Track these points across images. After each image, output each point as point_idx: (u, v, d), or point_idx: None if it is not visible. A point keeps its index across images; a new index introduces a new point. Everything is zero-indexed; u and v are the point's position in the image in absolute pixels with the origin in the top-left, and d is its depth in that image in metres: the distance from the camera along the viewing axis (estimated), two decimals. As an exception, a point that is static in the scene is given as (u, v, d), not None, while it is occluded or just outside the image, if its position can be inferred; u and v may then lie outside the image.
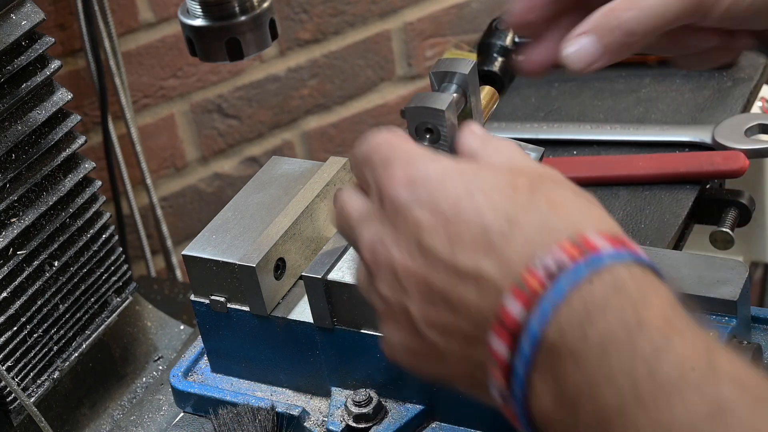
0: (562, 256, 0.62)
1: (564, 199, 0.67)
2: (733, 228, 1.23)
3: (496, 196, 0.66)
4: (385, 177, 0.70)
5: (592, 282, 0.62)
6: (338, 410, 0.98)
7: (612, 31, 0.82)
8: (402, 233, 0.68)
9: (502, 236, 0.64)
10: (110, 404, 1.18)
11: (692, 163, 1.25)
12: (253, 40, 0.83)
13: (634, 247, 0.65)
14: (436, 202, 0.67)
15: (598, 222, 0.66)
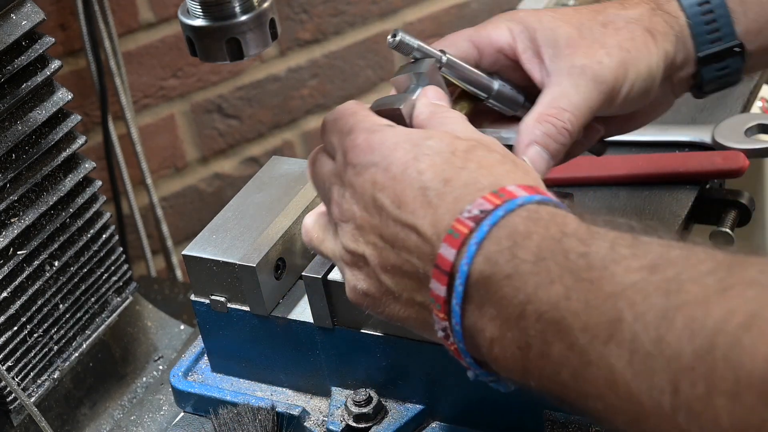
0: (484, 204, 0.73)
1: (492, 161, 0.78)
2: (733, 228, 1.23)
3: (437, 159, 0.78)
4: (347, 141, 0.82)
5: (510, 218, 0.72)
6: (338, 410, 0.98)
7: (554, 137, 0.92)
8: (360, 192, 0.80)
9: (437, 194, 0.76)
10: (110, 404, 1.18)
11: (692, 163, 1.25)
12: (254, 40, 0.83)
13: (545, 192, 0.76)
14: (388, 165, 0.79)
15: (519, 178, 0.77)
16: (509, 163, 0.79)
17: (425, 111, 0.86)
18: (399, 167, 0.78)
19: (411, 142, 0.79)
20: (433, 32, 2.13)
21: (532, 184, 0.77)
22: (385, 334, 0.95)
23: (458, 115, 0.86)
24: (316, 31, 2.06)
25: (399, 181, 0.78)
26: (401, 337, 0.95)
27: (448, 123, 0.84)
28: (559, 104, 0.92)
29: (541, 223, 0.72)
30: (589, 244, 0.69)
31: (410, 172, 0.77)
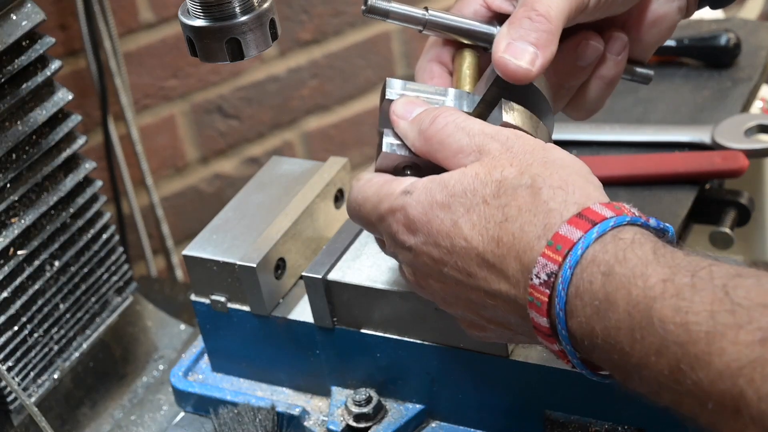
0: (548, 266, 0.73)
1: (526, 196, 0.76)
2: (732, 228, 1.23)
3: (474, 217, 0.77)
4: (386, 229, 0.83)
5: (582, 275, 0.72)
6: (338, 410, 0.98)
7: (531, 27, 0.84)
8: (428, 269, 0.81)
9: (495, 257, 0.76)
10: (111, 404, 1.18)
11: (692, 164, 1.25)
12: (254, 40, 0.83)
13: (595, 204, 0.74)
14: (435, 241, 0.79)
15: (560, 202, 0.75)
16: (543, 185, 0.76)
17: (417, 139, 0.83)
18: (445, 240, 0.78)
19: (438, 205, 0.79)
20: (433, 32, 2.13)
21: (577, 199, 0.75)
22: (385, 334, 0.95)
23: (450, 118, 0.82)
24: (316, 32, 2.06)
25: (453, 253, 0.78)
26: (401, 337, 0.95)
27: (448, 138, 0.81)
28: (531, 5, 0.85)
29: (619, 284, 0.70)
30: (684, 311, 0.67)
31: (458, 242, 0.77)
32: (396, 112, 0.86)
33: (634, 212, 0.75)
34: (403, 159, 0.84)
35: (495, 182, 0.77)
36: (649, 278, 0.69)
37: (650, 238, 0.73)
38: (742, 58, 1.42)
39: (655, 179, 1.25)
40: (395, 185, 0.82)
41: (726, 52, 1.41)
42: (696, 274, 0.69)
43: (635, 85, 1.47)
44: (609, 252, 0.72)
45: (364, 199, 0.84)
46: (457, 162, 0.81)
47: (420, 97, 0.87)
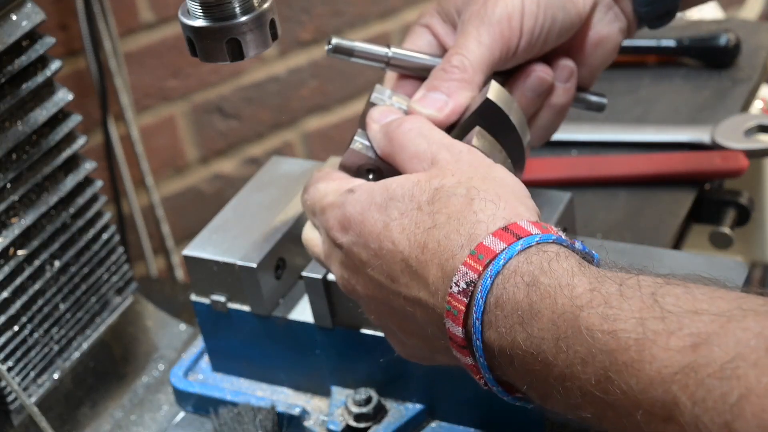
0: (468, 274, 0.73)
1: (458, 204, 0.76)
2: (732, 228, 1.23)
3: (405, 221, 0.78)
4: (323, 222, 0.84)
5: (502, 284, 0.72)
6: (338, 409, 0.98)
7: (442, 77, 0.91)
8: (354, 270, 0.82)
9: (418, 263, 0.76)
10: (111, 404, 1.18)
11: (691, 164, 1.25)
12: (254, 40, 0.83)
13: (521, 220, 0.74)
14: (365, 242, 0.80)
15: (489, 215, 0.75)
16: (476, 197, 0.77)
17: (382, 140, 0.86)
18: (375, 241, 0.79)
19: (375, 206, 0.80)
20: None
21: (505, 214, 0.75)
22: (385, 334, 0.95)
23: (416, 124, 0.85)
24: (316, 32, 2.07)
25: (380, 256, 0.79)
26: (401, 336, 0.95)
27: (408, 142, 0.83)
28: (448, 59, 0.91)
29: (544, 293, 0.70)
30: (612, 319, 0.66)
31: (386, 245, 0.78)
32: (372, 116, 0.88)
33: (560, 234, 0.74)
34: (367, 161, 0.87)
35: (432, 190, 0.78)
36: (576, 288, 0.69)
37: (573, 255, 0.72)
38: (741, 58, 1.43)
39: (655, 179, 1.25)
40: (345, 183, 0.85)
41: (726, 52, 1.41)
42: (623, 283, 0.68)
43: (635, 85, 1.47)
44: (533, 263, 0.71)
45: (315, 189, 0.86)
46: (411, 166, 0.82)
47: (401, 108, 0.90)
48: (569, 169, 1.29)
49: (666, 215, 1.21)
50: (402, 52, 0.93)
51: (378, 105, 0.90)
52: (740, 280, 0.94)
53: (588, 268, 0.71)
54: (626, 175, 1.26)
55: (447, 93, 0.90)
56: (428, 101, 0.89)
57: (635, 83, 1.42)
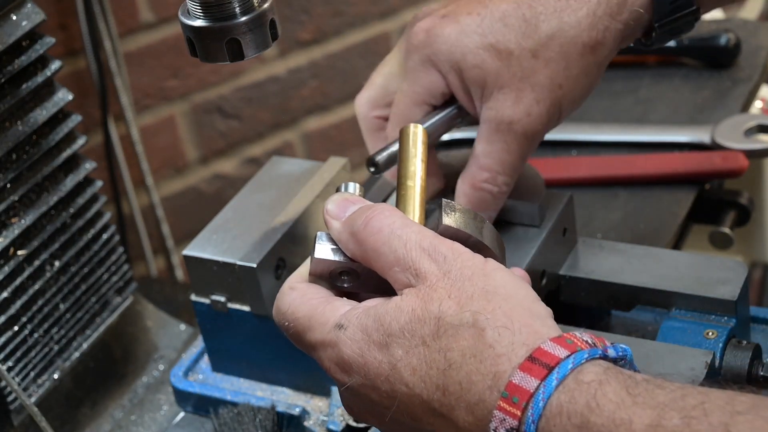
0: (507, 420, 0.67)
1: (469, 338, 0.70)
2: (732, 228, 1.23)
3: (414, 361, 0.71)
4: (316, 358, 0.77)
5: (558, 419, 0.66)
6: (338, 409, 0.98)
7: (490, 202, 0.93)
8: (367, 408, 0.76)
9: (442, 405, 0.70)
10: (111, 404, 1.18)
11: (691, 164, 1.25)
12: (254, 40, 0.83)
13: (545, 343, 0.68)
14: (374, 384, 0.73)
15: (507, 345, 0.69)
16: (487, 325, 0.70)
17: (350, 243, 0.78)
18: (384, 384, 0.73)
19: (375, 345, 0.73)
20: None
21: (525, 339, 0.69)
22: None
23: (385, 221, 0.76)
24: (316, 32, 2.07)
25: (394, 398, 0.73)
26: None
27: (382, 247, 0.75)
28: (492, 166, 0.90)
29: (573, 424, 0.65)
30: None
31: (399, 387, 0.72)
32: (329, 211, 0.80)
33: (587, 341, 0.69)
34: (339, 264, 0.79)
35: (434, 319, 0.72)
36: (634, 424, 0.64)
37: (616, 375, 0.67)
38: (742, 58, 1.43)
39: (655, 179, 1.25)
40: (328, 312, 0.76)
41: (726, 52, 1.41)
42: (688, 414, 0.63)
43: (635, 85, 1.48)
44: (578, 401, 0.66)
45: (295, 320, 0.78)
46: (393, 276, 0.75)
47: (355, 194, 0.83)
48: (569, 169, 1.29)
49: (666, 215, 1.21)
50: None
51: (333, 195, 0.82)
52: (740, 280, 0.94)
53: (639, 395, 0.65)
54: (626, 175, 1.26)
55: (494, 212, 0.93)
56: None
57: (635, 83, 1.42)
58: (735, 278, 0.94)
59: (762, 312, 0.99)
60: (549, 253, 0.98)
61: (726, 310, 0.93)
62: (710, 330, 0.92)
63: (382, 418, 0.75)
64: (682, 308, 0.95)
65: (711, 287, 0.94)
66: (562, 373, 0.66)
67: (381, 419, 0.75)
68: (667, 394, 0.64)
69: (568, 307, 1.01)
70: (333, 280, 0.80)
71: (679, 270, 0.97)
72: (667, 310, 0.96)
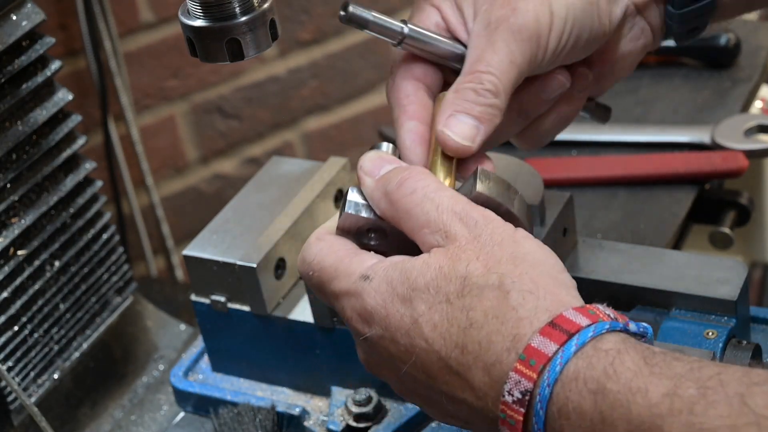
0: (522, 382, 0.67)
1: (494, 299, 0.70)
2: (732, 228, 1.23)
3: (435, 317, 0.71)
4: (338, 309, 0.78)
5: (562, 392, 0.66)
6: (338, 409, 0.98)
7: (476, 101, 0.83)
8: (385, 362, 0.76)
9: (459, 364, 0.70)
10: (111, 404, 1.18)
11: (691, 164, 1.25)
12: (254, 40, 0.83)
13: (568, 311, 0.68)
14: (393, 336, 0.73)
15: (531, 309, 0.69)
16: (512, 288, 0.70)
17: (382, 202, 0.77)
18: (404, 337, 0.73)
19: (398, 298, 0.73)
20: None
21: (548, 305, 0.69)
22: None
23: (420, 184, 0.76)
24: (316, 32, 2.07)
25: (412, 353, 0.72)
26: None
27: (415, 208, 0.75)
28: (477, 68, 0.83)
29: (615, 402, 0.64)
30: (699, 428, 0.61)
31: (418, 342, 0.72)
32: (363, 168, 0.80)
33: (609, 315, 0.69)
34: (366, 222, 0.79)
35: (459, 278, 0.72)
36: (650, 393, 0.64)
37: (635, 346, 0.67)
38: (742, 58, 1.43)
39: (655, 179, 1.25)
40: (355, 264, 0.77)
41: (726, 52, 1.41)
42: (704, 384, 0.63)
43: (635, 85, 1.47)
44: (596, 368, 0.66)
45: (320, 269, 0.78)
46: (422, 237, 0.75)
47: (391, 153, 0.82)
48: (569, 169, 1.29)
49: (666, 215, 1.21)
50: (419, 30, 0.85)
51: (368, 153, 0.81)
52: (740, 280, 0.94)
53: (656, 365, 0.65)
54: (626, 175, 1.26)
55: (479, 119, 0.82)
56: (459, 126, 0.81)
57: (635, 83, 1.42)
58: (735, 278, 0.94)
59: (762, 312, 0.99)
60: (549, 253, 0.98)
61: (726, 310, 0.93)
62: (710, 330, 0.92)
63: (396, 373, 0.75)
64: (682, 308, 0.95)
65: (711, 287, 0.94)
66: (582, 340, 0.67)
67: (396, 373, 0.75)
68: (684, 366, 0.65)
69: (568, 307, 1.01)
70: (360, 237, 0.80)
71: (679, 270, 0.97)
72: (667, 310, 0.96)
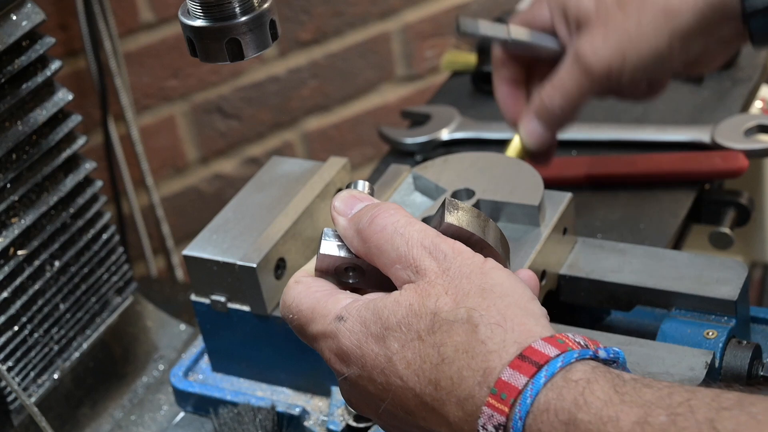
0: (495, 417, 0.68)
1: (463, 334, 0.71)
2: (732, 228, 1.23)
3: (408, 354, 0.72)
4: (317, 349, 0.79)
5: (534, 425, 0.67)
6: (338, 409, 0.98)
7: (545, 116, 1.08)
8: (364, 399, 0.77)
9: (434, 399, 0.71)
10: (111, 404, 1.19)
11: (691, 164, 1.25)
12: (254, 40, 0.83)
13: (535, 342, 0.69)
14: (370, 375, 0.75)
15: (499, 343, 0.70)
16: (480, 322, 0.71)
17: (355, 240, 0.79)
18: (380, 376, 0.74)
19: (372, 338, 0.74)
20: (433, 32, 2.13)
21: (516, 337, 0.70)
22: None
23: (390, 220, 0.77)
24: (316, 32, 2.06)
25: (389, 391, 0.74)
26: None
27: (385, 244, 0.77)
28: (556, 87, 1.06)
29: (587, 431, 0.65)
30: None
31: (393, 380, 0.73)
32: (336, 208, 0.81)
33: (579, 342, 0.70)
34: (344, 261, 0.80)
35: (429, 314, 0.72)
36: (621, 422, 0.64)
37: (604, 374, 0.67)
38: (742, 58, 1.43)
39: (655, 179, 1.25)
40: (330, 305, 0.78)
41: (726, 52, 1.41)
42: (674, 411, 0.63)
43: (635, 85, 1.46)
44: (566, 399, 0.66)
45: (298, 312, 0.79)
46: (395, 273, 0.76)
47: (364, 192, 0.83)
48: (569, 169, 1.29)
49: (666, 215, 1.21)
50: (520, 39, 1.09)
51: (341, 192, 0.82)
52: (740, 280, 0.94)
53: (627, 394, 0.65)
54: (626, 175, 1.26)
55: (547, 127, 1.09)
56: (533, 133, 1.09)
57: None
58: (735, 278, 0.94)
59: (762, 312, 0.99)
60: (549, 253, 0.98)
61: (726, 310, 0.93)
62: (710, 330, 0.92)
63: (376, 410, 0.76)
64: (682, 308, 0.95)
65: (711, 287, 0.94)
66: (551, 371, 0.67)
67: (376, 410, 0.76)
68: (654, 393, 0.65)
69: (568, 307, 1.01)
70: (339, 276, 0.81)
71: (679, 270, 0.97)
72: (667, 310, 0.96)
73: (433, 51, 2.13)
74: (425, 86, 2.15)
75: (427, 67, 2.15)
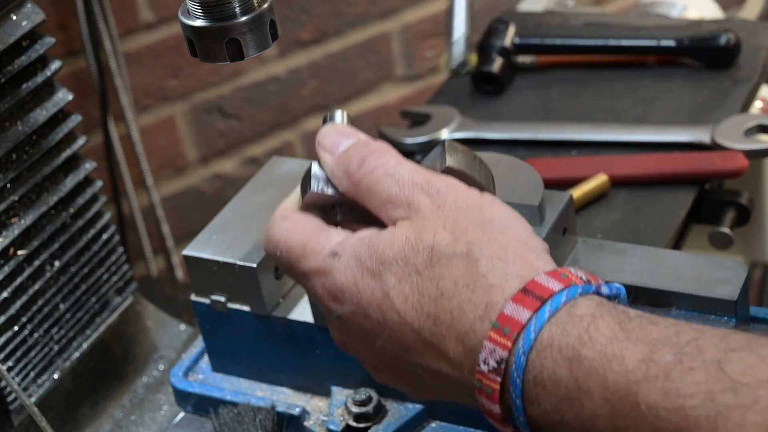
0: (497, 351, 0.66)
1: (462, 267, 0.69)
2: (732, 228, 1.23)
3: (406, 289, 0.71)
4: (308, 288, 0.77)
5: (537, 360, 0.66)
6: (338, 410, 0.98)
7: None
8: (358, 338, 0.75)
9: (433, 335, 0.70)
10: (111, 404, 1.19)
11: (691, 164, 1.25)
12: (254, 40, 0.83)
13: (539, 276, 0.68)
14: (366, 311, 0.72)
15: (501, 275, 0.68)
16: (480, 255, 0.70)
17: (344, 181, 0.77)
18: (376, 312, 0.72)
19: (368, 273, 0.72)
20: (433, 32, 2.13)
21: (519, 271, 0.68)
22: (384, 334, 0.95)
23: (380, 161, 0.76)
24: (316, 32, 2.07)
25: (386, 327, 0.72)
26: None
27: (376, 185, 0.75)
28: None
29: (590, 369, 0.64)
30: (676, 395, 0.61)
31: (390, 315, 0.71)
32: (322, 144, 0.80)
33: (582, 278, 0.69)
34: (333, 199, 0.79)
35: (427, 249, 0.71)
36: (625, 359, 0.63)
37: (610, 310, 0.66)
38: (742, 58, 1.43)
39: (655, 179, 1.25)
40: (323, 241, 0.76)
41: (726, 52, 1.41)
42: (681, 350, 0.62)
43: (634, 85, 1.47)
44: (570, 334, 0.65)
45: (287, 248, 0.77)
46: (386, 213, 0.74)
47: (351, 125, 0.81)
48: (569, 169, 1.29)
49: (666, 215, 1.21)
50: None
51: (325, 127, 0.81)
52: (740, 280, 0.94)
53: (632, 331, 0.64)
54: (626, 175, 1.26)
55: None
56: None
57: (635, 83, 1.42)
58: (735, 278, 0.94)
59: (762, 312, 0.99)
60: (549, 253, 0.98)
61: (726, 310, 0.93)
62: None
63: (371, 348, 0.74)
64: (682, 308, 0.95)
65: (711, 287, 0.94)
66: (555, 306, 0.66)
67: (370, 349, 0.75)
68: (661, 330, 0.64)
69: (568, 307, 1.01)
70: (326, 212, 0.80)
71: (679, 270, 0.97)
72: (667, 310, 0.96)
73: (433, 51, 2.13)
74: (425, 86, 2.15)
75: (427, 67, 2.15)
